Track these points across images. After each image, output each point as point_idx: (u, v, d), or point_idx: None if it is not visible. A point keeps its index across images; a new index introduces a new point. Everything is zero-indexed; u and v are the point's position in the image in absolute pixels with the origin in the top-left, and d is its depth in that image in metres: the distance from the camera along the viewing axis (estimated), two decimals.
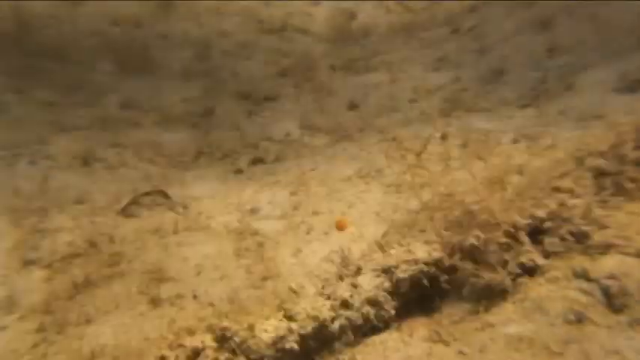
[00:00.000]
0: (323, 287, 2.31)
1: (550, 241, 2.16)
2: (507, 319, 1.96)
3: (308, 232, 3.04)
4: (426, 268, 2.29)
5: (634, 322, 1.71)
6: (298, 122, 4.59)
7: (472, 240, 2.24)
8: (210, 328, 2.10)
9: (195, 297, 2.57)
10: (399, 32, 6.47)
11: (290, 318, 2.17)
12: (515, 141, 3.16)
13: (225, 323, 2.09)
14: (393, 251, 2.39)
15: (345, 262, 2.43)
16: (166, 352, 2.04)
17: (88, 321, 2.46)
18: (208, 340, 2.07)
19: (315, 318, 2.16)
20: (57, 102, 4.87)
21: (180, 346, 2.06)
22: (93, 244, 3.00)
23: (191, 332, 2.11)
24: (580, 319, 1.80)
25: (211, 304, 2.48)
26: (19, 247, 2.96)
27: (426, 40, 5.84)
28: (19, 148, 3.93)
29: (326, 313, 2.18)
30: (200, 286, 2.64)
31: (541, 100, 3.59)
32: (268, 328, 2.12)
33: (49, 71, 5.46)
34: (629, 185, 2.25)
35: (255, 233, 3.08)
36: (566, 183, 2.30)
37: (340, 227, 3.09)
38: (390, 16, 7.36)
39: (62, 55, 5.77)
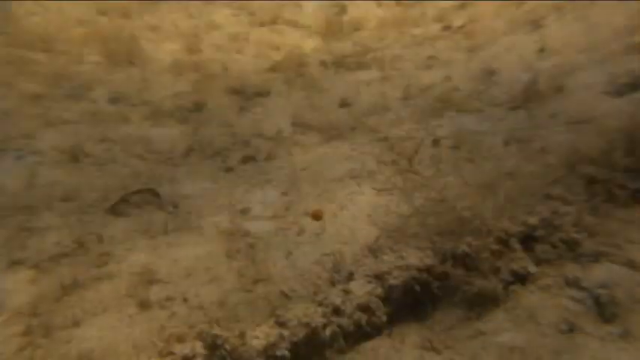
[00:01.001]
0: (315, 293, 2.31)
1: (542, 249, 2.17)
2: (499, 328, 1.97)
3: (299, 234, 3.02)
4: (418, 275, 2.29)
5: (625, 333, 1.72)
6: (290, 119, 4.56)
7: (464, 247, 2.25)
8: (200, 335, 2.09)
9: (185, 300, 2.55)
10: (390, 28, 6.44)
11: (281, 325, 2.17)
12: (506, 144, 3.16)
13: (216, 330, 2.08)
14: (385, 257, 2.39)
15: (337, 267, 2.43)
16: None
17: (76, 324, 2.43)
18: (199, 348, 2.06)
19: (306, 325, 2.16)
20: (43, 94, 4.78)
21: (170, 353, 2.05)
22: (81, 244, 2.96)
23: (181, 339, 2.09)
24: (572, 329, 1.82)
25: (201, 308, 2.47)
26: (6, 246, 2.91)
27: (418, 37, 5.82)
28: (5, 143, 3.86)
29: (317, 320, 2.19)
30: (190, 289, 2.62)
31: (532, 102, 3.60)
32: (259, 335, 2.11)
33: (34, 62, 5.36)
34: (620, 192, 2.28)
35: (246, 234, 3.06)
36: (557, 190, 2.32)
37: (316, 217, 3.08)
38: (380, 10, 7.31)
39: (48, 46, 5.67)
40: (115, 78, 5.34)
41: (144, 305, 2.49)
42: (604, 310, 1.81)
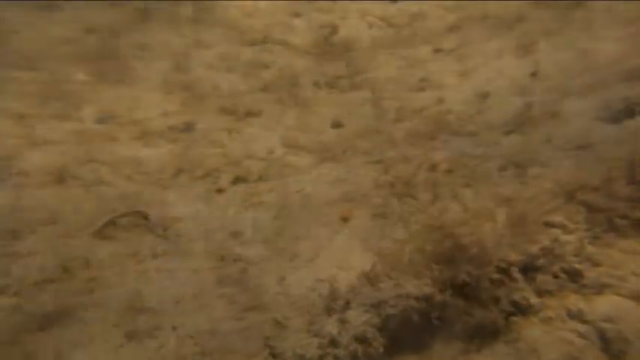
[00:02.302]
0: (310, 322, 2.24)
1: (543, 279, 2.13)
2: None
3: (292, 259, 2.95)
4: (416, 304, 2.23)
5: None
6: (281, 140, 4.50)
7: (463, 276, 2.20)
8: None
9: (174, 329, 2.46)
10: (382, 49, 6.45)
11: (276, 356, 2.09)
12: (502, 169, 3.14)
13: None
14: (382, 284, 2.33)
15: (332, 295, 2.36)
16: None
17: (60, 356, 2.33)
18: None
19: (301, 357, 2.09)
20: (29, 114, 4.68)
21: None
22: (67, 269, 2.85)
23: None
24: None
25: (192, 337, 2.38)
26: None
27: (409, 58, 5.83)
28: None
29: (313, 352, 2.12)
30: (179, 317, 2.53)
31: (526, 127, 3.59)
32: None
33: (20, 81, 5.26)
34: (621, 222, 2.24)
35: (238, 259, 2.98)
36: (557, 218, 2.28)
37: (345, 217, 3.06)
38: (372, 31, 7.33)
39: (34, 64, 5.57)
40: (103, 97, 5.26)
41: (132, 335, 2.40)
42: (610, 346, 1.76)
